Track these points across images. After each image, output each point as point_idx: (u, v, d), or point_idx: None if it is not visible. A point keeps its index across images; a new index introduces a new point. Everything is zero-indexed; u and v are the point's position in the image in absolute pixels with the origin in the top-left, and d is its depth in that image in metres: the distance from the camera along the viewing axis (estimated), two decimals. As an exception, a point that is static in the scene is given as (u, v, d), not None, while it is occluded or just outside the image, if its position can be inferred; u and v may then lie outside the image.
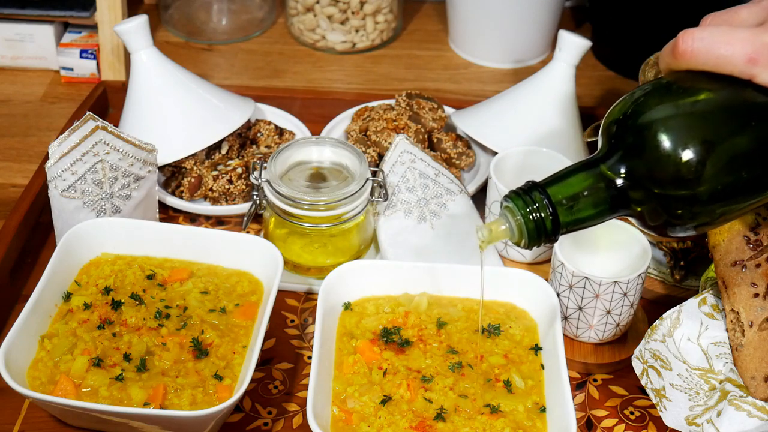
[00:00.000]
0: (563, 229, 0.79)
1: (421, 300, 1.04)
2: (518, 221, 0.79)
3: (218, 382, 0.96)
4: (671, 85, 0.77)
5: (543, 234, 0.79)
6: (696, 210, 0.76)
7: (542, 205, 0.78)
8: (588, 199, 0.78)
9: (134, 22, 1.23)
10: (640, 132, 0.75)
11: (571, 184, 0.78)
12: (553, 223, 0.78)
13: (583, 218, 0.79)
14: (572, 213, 0.78)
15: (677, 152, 0.74)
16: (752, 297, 0.88)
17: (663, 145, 0.74)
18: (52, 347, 0.97)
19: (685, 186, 0.74)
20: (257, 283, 1.07)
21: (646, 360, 0.96)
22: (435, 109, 1.32)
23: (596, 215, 0.79)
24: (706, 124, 0.74)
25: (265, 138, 1.29)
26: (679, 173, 0.74)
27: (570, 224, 0.79)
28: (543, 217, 0.78)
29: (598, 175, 0.78)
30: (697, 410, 0.91)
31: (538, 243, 0.79)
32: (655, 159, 0.75)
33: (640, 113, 0.76)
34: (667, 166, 0.74)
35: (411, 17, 1.65)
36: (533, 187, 0.79)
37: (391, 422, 0.92)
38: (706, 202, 0.75)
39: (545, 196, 0.78)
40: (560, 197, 0.78)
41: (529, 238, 0.79)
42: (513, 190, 0.80)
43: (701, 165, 0.73)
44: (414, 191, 1.16)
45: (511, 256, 1.17)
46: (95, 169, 1.09)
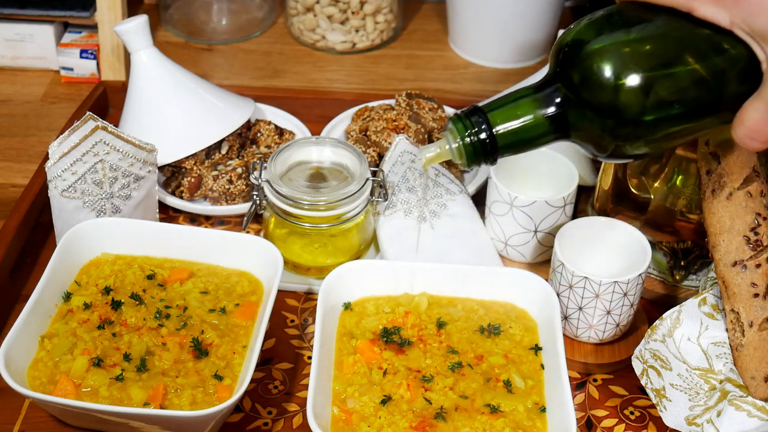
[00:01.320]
0: (503, 151, 0.83)
1: (421, 300, 1.04)
2: (459, 144, 0.83)
3: (218, 382, 0.96)
4: (615, 14, 0.80)
5: (481, 155, 0.83)
6: (628, 135, 0.79)
7: (480, 129, 0.82)
8: (527, 123, 0.82)
9: (134, 22, 1.23)
10: (583, 58, 0.79)
11: (512, 108, 0.82)
12: (490, 145, 0.82)
13: (522, 141, 0.83)
14: (511, 136, 0.82)
15: (613, 77, 0.77)
16: (752, 297, 0.88)
17: (601, 71, 0.77)
18: (52, 347, 0.97)
19: (620, 112, 0.77)
20: (257, 283, 1.07)
21: (646, 360, 0.96)
22: (435, 109, 1.32)
23: (534, 139, 0.83)
24: (643, 53, 0.78)
25: (265, 138, 1.29)
26: (615, 97, 0.77)
27: (509, 146, 0.83)
28: (481, 139, 0.82)
29: (540, 98, 0.81)
30: (697, 410, 0.91)
31: (478, 163, 0.84)
32: (594, 84, 0.78)
33: (583, 41, 0.79)
34: (603, 92, 0.77)
35: (411, 17, 1.65)
36: (474, 111, 0.83)
37: (391, 422, 0.92)
38: (639, 128, 0.78)
39: (484, 120, 0.82)
40: (499, 121, 0.82)
41: (468, 159, 0.84)
42: (456, 113, 0.84)
43: (634, 91, 0.77)
44: (414, 191, 1.16)
45: (511, 256, 1.17)
46: (95, 169, 1.09)
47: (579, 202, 1.19)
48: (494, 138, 0.82)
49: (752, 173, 0.90)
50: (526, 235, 1.14)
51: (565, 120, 0.81)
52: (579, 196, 1.17)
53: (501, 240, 1.16)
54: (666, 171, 1.09)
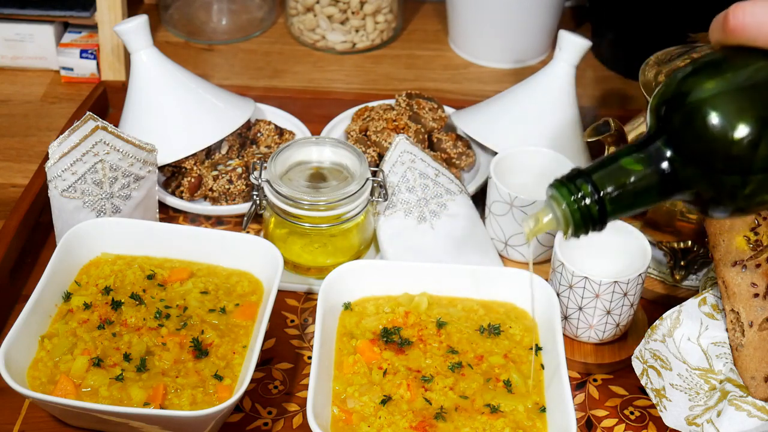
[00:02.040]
0: (611, 215, 0.76)
1: (421, 300, 1.04)
2: (564, 211, 0.76)
3: (218, 382, 0.96)
4: (721, 61, 0.75)
5: (590, 222, 0.76)
6: (750, 188, 0.73)
7: (587, 192, 0.75)
8: (636, 184, 0.75)
9: (134, 22, 1.23)
10: (691, 111, 0.73)
11: (618, 169, 0.76)
12: (600, 211, 0.75)
13: (631, 204, 0.76)
14: (620, 199, 0.76)
15: (729, 129, 0.71)
16: (752, 297, 0.88)
17: (714, 123, 0.72)
18: (52, 347, 0.97)
19: (738, 164, 0.72)
20: (257, 283, 1.07)
21: (646, 360, 0.96)
22: (435, 109, 1.32)
23: (645, 200, 0.76)
24: (758, 100, 0.72)
25: (265, 138, 1.29)
26: (731, 151, 0.72)
27: (618, 210, 0.76)
28: (589, 205, 0.75)
29: (646, 158, 0.75)
30: (697, 410, 0.91)
31: (586, 231, 0.77)
32: (707, 138, 0.72)
33: (690, 91, 0.74)
34: (718, 144, 0.72)
35: (411, 17, 1.65)
36: (578, 175, 0.76)
37: (391, 422, 0.92)
38: (760, 180, 0.73)
39: (591, 184, 0.75)
40: (606, 184, 0.75)
41: (576, 227, 0.77)
42: (557, 179, 0.78)
43: (754, 142, 0.71)
44: (414, 191, 1.16)
45: (511, 256, 1.17)
46: (95, 169, 1.09)
47: (579, 202, 1.19)
48: (603, 202, 0.75)
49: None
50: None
51: (676, 177, 0.75)
52: (579, 196, 1.17)
53: (501, 240, 1.16)
54: (666, 171, 1.09)
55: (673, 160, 0.74)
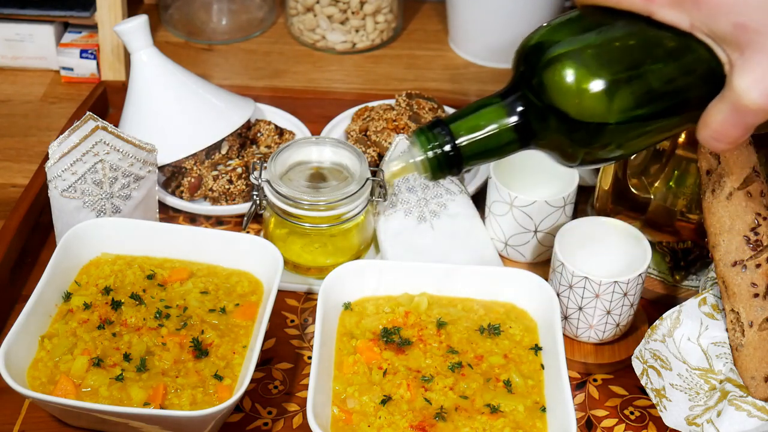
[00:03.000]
0: (467, 162, 0.82)
1: (421, 300, 1.04)
2: (422, 157, 0.82)
3: (218, 382, 0.96)
4: (576, 19, 0.80)
5: (446, 168, 0.82)
6: (595, 140, 0.78)
7: (444, 141, 0.81)
8: (490, 133, 0.80)
9: (134, 22, 1.23)
10: (544, 65, 0.78)
11: (475, 118, 0.81)
12: (455, 157, 0.81)
13: (486, 151, 0.81)
14: (475, 146, 0.81)
15: (575, 84, 0.76)
16: (752, 297, 0.88)
17: (563, 78, 0.76)
18: (52, 347, 0.97)
19: (584, 117, 0.77)
20: (257, 283, 1.07)
21: (646, 360, 0.96)
22: (435, 109, 1.32)
23: (499, 148, 0.81)
24: (605, 57, 0.77)
25: (265, 138, 1.29)
26: (578, 104, 0.76)
27: (473, 156, 0.81)
28: (445, 152, 0.81)
29: (502, 108, 0.80)
30: (697, 410, 0.91)
31: (443, 176, 0.83)
32: (556, 91, 0.77)
33: (544, 47, 0.78)
34: (566, 97, 0.77)
35: (411, 17, 1.65)
36: (436, 123, 0.82)
37: (391, 422, 0.92)
38: (604, 134, 0.77)
39: (447, 132, 0.81)
40: (463, 132, 0.80)
41: (433, 172, 0.82)
42: (419, 126, 0.84)
43: (598, 97, 0.76)
44: (414, 191, 1.16)
45: (511, 256, 1.17)
46: (95, 169, 1.09)
47: (579, 202, 1.19)
48: (458, 149, 0.81)
49: (752, 173, 0.90)
50: (526, 235, 1.14)
51: (530, 128, 0.80)
52: (579, 196, 1.17)
53: (501, 240, 1.16)
54: (666, 171, 1.09)
55: (525, 111, 0.79)
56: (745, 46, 0.72)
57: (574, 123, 0.77)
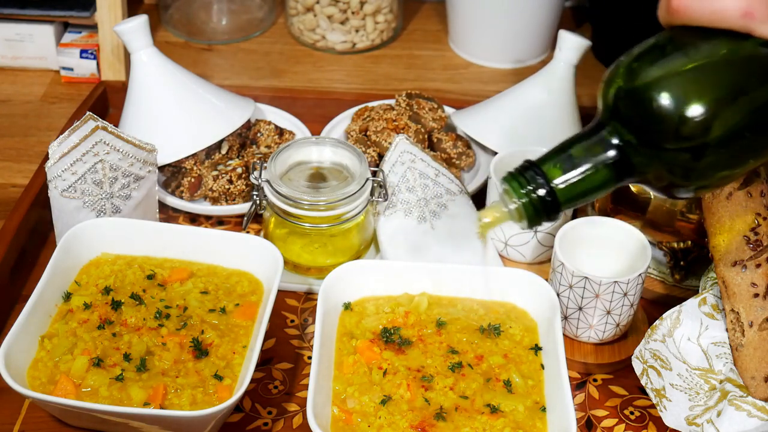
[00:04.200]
0: (564, 205, 0.76)
1: (421, 300, 1.04)
2: (516, 203, 0.77)
3: (218, 382, 0.96)
4: (668, 42, 0.75)
5: (543, 213, 0.77)
6: (700, 168, 0.73)
7: (538, 184, 0.76)
8: (586, 172, 0.76)
9: (134, 22, 1.23)
10: (638, 94, 0.73)
11: (568, 158, 0.76)
12: (551, 202, 0.76)
13: (584, 191, 0.76)
14: (572, 188, 0.76)
15: (676, 110, 0.72)
16: (752, 297, 0.88)
17: (662, 105, 0.72)
18: (52, 347, 0.97)
19: (686, 145, 0.72)
20: (257, 283, 1.07)
21: (646, 360, 0.96)
22: (435, 109, 1.32)
23: (598, 187, 0.76)
24: (704, 81, 0.72)
25: (265, 138, 1.29)
26: (680, 132, 0.72)
27: (570, 200, 0.76)
28: (540, 196, 0.76)
29: (596, 144, 0.75)
30: (697, 410, 0.91)
31: (539, 222, 0.77)
32: (656, 120, 0.72)
33: (637, 74, 0.74)
34: (667, 125, 0.72)
35: (411, 17, 1.65)
36: (529, 167, 0.77)
37: (391, 422, 0.92)
38: (709, 159, 0.73)
39: (541, 175, 0.76)
40: (557, 173, 0.76)
41: (529, 219, 0.77)
42: (509, 171, 0.78)
43: (701, 122, 0.71)
44: (414, 191, 1.16)
45: (511, 256, 1.17)
46: (95, 169, 1.09)
47: (579, 202, 1.19)
48: (554, 193, 0.75)
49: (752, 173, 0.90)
50: (526, 235, 1.14)
51: (628, 162, 0.75)
52: (579, 196, 1.17)
53: (501, 240, 1.16)
54: (666, 171, 1.09)
55: (623, 145, 0.75)
56: None
57: (675, 152, 0.73)
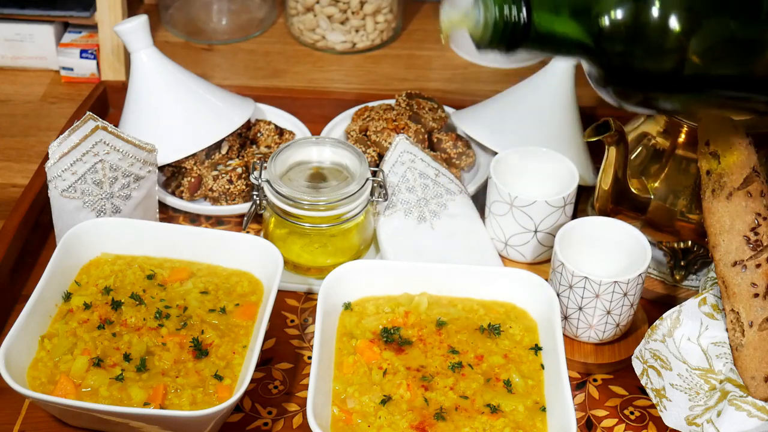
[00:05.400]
0: (530, 43, 0.74)
1: (421, 300, 1.04)
2: (488, 16, 0.74)
3: (218, 382, 0.96)
4: None
5: (505, 39, 0.74)
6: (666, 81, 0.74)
7: (521, 7, 0.73)
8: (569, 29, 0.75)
9: (134, 22, 1.23)
10: None
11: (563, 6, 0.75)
12: (522, 31, 0.73)
13: (554, 42, 0.75)
14: (548, 33, 0.74)
15: (661, 18, 0.72)
16: (752, 297, 0.88)
17: (652, 9, 0.72)
18: (52, 347, 0.97)
19: (662, 52, 0.73)
20: (257, 283, 1.07)
21: (646, 360, 0.96)
22: (435, 109, 1.32)
23: (568, 46, 0.75)
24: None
25: (265, 138, 1.29)
26: (660, 40, 0.73)
27: (539, 41, 0.74)
28: (515, 21, 0.73)
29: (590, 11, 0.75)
30: (697, 410, 0.91)
31: (496, 46, 0.75)
32: (642, 20, 0.73)
33: None
34: (648, 29, 0.72)
35: (411, 17, 1.65)
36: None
37: (391, 422, 0.92)
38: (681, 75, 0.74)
39: (526, 4, 0.74)
40: (545, 9, 0.74)
41: (491, 36, 0.74)
42: None
43: (682, 34, 0.72)
44: (414, 191, 1.16)
45: (511, 256, 1.17)
46: (95, 169, 1.09)
47: (579, 202, 1.19)
48: (529, 26, 0.73)
49: (752, 173, 0.90)
50: (526, 235, 1.14)
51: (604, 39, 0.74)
52: (579, 196, 1.17)
53: (501, 240, 1.16)
54: (666, 171, 1.09)
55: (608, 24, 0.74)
56: None
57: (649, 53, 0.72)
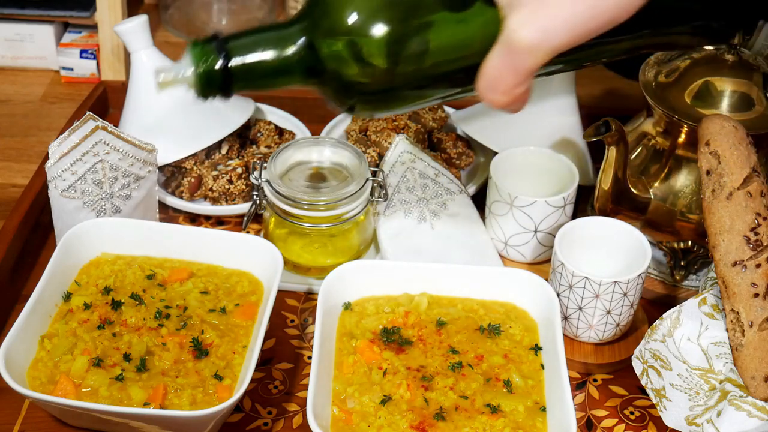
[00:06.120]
0: (239, 85, 0.77)
1: (421, 300, 1.04)
2: (191, 71, 0.76)
3: (218, 382, 0.96)
4: None
5: (216, 86, 0.76)
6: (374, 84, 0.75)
7: (215, 58, 0.75)
8: (268, 61, 0.76)
9: (134, 22, 1.23)
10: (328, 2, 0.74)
11: (256, 41, 0.76)
12: (224, 77, 0.76)
13: (260, 80, 0.77)
14: (249, 70, 0.76)
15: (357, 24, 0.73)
16: (752, 297, 0.88)
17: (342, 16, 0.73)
18: (52, 347, 0.97)
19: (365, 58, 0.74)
20: (257, 283, 1.07)
21: (646, 360, 0.96)
22: (435, 109, 1.32)
23: (274, 77, 0.77)
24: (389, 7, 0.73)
25: (265, 138, 1.29)
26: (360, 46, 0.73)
27: (245, 84, 0.77)
28: (215, 69, 0.76)
29: (286, 37, 0.76)
30: (697, 410, 0.91)
31: (211, 94, 0.77)
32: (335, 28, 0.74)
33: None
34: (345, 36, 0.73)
35: (411, 17, 1.65)
36: (214, 39, 0.76)
37: (391, 422, 0.92)
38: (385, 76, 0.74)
39: (224, 50, 0.76)
40: (240, 52, 0.76)
41: (199, 89, 0.77)
42: (198, 38, 0.78)
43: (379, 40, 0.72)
44: (414, 191, 1.16)
45: (511, 256, 1.17)
46: (95, 169, 1.09)
47: (579, 202, 1.19)
48: (230, 70, 0.75)
49: (752, 173, 0.90)
50: (526, 235, 1.14)
51: (309, 62, 0.76)
52: (579, 196, 1.17)
53: (501, 240, 1.16)
54: (666, 171, 1.09)
55: (304, 44, 0.75)
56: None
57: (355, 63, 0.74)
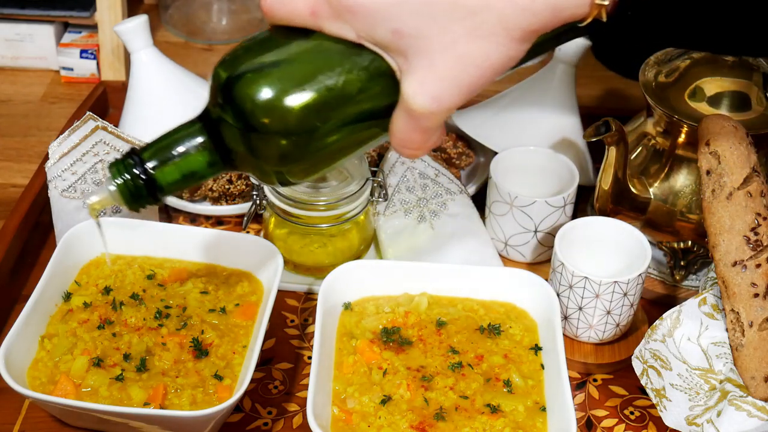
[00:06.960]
0: (166, 189, 0.79)
1: (421, 300, 1.04)
2: (114, 187, 0.80)
3: (218, 382, 0.96)
4: (266, 38, 0.76)
5: (143, 197, 0.79)
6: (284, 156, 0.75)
7: (133, 171, 0.78)
8: (184, 159, 0.78)
9: (134, 22, 1.23)
10: (230, 84, 0.75)
11: (167, 146, 0.79)
12: (149, 185, 0.79)
13: (183, 176, 0.79)
14: (170, 172, 0.79)
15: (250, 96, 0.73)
16: (752, 297, 0.88)
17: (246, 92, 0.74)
18: (52, 347, 0.97)
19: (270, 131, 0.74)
20: (257, 283, 1.07)
21: (646, 360, 0.96)
22: (435, 109, 1.32)
23: (195, 172, 0.79)
24: (284, 74, 0.74)
25: (265, 138, 1.29)
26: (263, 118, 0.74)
27: (172, 183, 0.79)
28: (136, 182, 0.79)
29: (194, 131, 0.78)
30: (697, 410, 0.91)
31: (142, 204, 0.80)
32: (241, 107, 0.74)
33: (232, 65, 0.75)
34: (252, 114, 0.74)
35: (411, 17, 1.65)
36: (130, 155, 0.79)
37: (391, 422, 0.92)
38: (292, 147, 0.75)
39: (138, 161, 0.79)
40: (155, 159, 0.78)
41: (128, 202, 0.80)
42: (116, 158, 0.81)
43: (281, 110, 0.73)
44: (414, 191, 1.16)
45: (511, 256, 1.17)
46: (95, 169, 1.09)
47: (579, 202, 1.19)
48: (151, 177, 0.78)
49: (752, 173, 0.90)
50: (526, 235, 1.14)
51: (223, 148, 0.77)
52: (579, 196, 1.17)
53: (501, 240, 1.16)
54: (666, 171, 1.09)
55: (218, 131, 0.77)
56: (407, 51, 0.70)
57: (264, 139, 0.74)
